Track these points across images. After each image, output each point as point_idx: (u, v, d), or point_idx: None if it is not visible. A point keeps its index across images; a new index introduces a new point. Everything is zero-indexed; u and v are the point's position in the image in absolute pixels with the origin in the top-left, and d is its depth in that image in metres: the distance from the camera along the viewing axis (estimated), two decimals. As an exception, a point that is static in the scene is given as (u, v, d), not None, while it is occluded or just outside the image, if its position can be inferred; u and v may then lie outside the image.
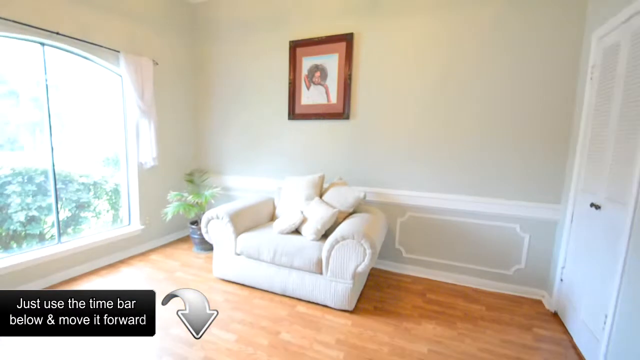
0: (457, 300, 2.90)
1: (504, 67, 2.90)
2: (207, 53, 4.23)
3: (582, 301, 2.30)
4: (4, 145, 2.81)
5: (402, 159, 3.34)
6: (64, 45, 2.93)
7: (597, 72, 2.43)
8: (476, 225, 3.12)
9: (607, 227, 2.07)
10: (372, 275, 3.34)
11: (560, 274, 2.69)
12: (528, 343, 2.32)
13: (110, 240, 3.41)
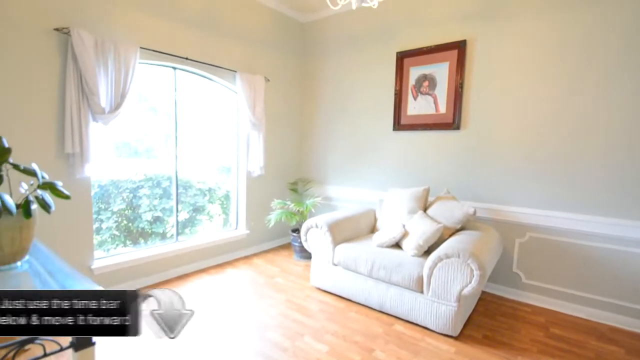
0: (588, 338, 2.54)
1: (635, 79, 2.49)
2: (314, 68, 4.57)
3: None
4: (142, 153, 3.42)
5: (521, 173, 3.09)
6: (191, 68, 3.48)
7: None
8: (615, 251, 2.71)
9: None
10: (483, 300, 3.13)
11: None
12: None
13: (219, 242, 3.86)
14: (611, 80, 2.65)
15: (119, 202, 3.30)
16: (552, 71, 2.89)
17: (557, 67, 2.86)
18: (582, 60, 2.76)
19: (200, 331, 2.51)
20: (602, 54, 2.68)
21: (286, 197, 4.48)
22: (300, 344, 2.38)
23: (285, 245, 4.69)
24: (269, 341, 2.41)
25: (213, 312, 2.79)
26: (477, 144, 3.31)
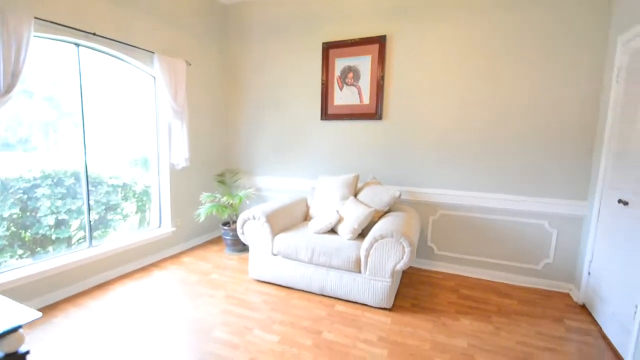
0: (490, 295, 3.11)
1: (534, 70, 3.09)
2: (239, 54, 4.41)
3: (611, 293, 2.51)
4: (15, 145, 2.83)
5: (434, 159, 3.53)
6: (99, 46, 3.05)
7: (623, 74, 2.61)
8: (506, 222, 3.33)
9: (636, 222, 2.27)
10: (405, 273, 3.55)
11: (588, 267, 2.90)
12: (561, 335, 2.53)
13: (141, 243, 3.56)
14: (508, 78, 3.19)
15: (9, 206, 2.78)
16: (460, 67, 3.34)
17: (465, 64, 3.32)
18: (486, 60, 3.25)
19: (136, 344, 2.34)
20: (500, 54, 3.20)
21: (213, 190, 4.31)
22: (251, 338, 2.40)
23: (215, 239, 4.54)
24: (217, 340, 2.37)
25: (146, 321, 2.59)
26: (397, 133, 3.65)
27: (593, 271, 2.84)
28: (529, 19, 3.06)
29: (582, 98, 2.98)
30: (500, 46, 3.18)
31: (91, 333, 2.44)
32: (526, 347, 2.37)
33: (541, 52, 3.05)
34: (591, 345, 2.41)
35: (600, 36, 2.88)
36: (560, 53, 3.00)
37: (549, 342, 2.43)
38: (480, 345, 2.38)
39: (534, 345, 2.39)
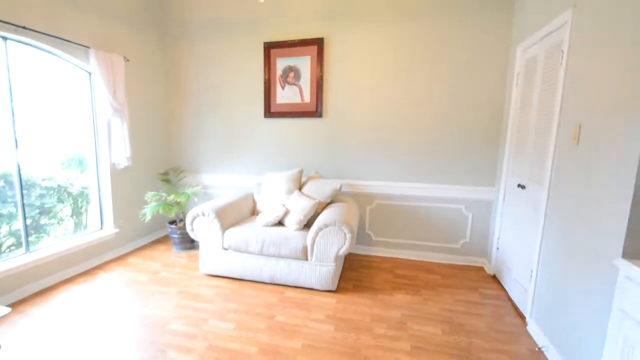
0: (419, 273, 3.56)
1: (450, 74, 3.58)
2: (181, 51, 4.39)
3: (514, 263, 3.06)
4: None
5: (369, 153, 3.90)
6: (29, 40, 2.90)
7: (521, 78, 3.16)
8: (431, 208, 3.81)
9: (530, 203, 2.81)
10: (347, 258, 3.88)
11: (497, 243, 3.46)
12: (476, 300, 3.02)
13: (82, 246, 3.44)
14: (429, 79, 3.64)
15: None
16: (389, 69, 3.72)
17: (393, 66, 3.71)
18: (410, 62, 3.67)
19: (90, 345, 2.35)
20: (423, 57, 3.63)
21: (157, 189, 4.26)
22: (207, 328, 2.54)
23: (162, 239, 4.50)
24: (175, 333, 2.47)
25: (97, 322, 2.60)
26: (336, 129, 3.96)
27: (500, 246, 3.40)
28: (447, 28, 3.53)
29: (490, 99, 3.52)
30: (423, 50, 3.62)
31: (36, 339, 2.39)
32: (449, 313, 2.81)
33: (457, 57, 3.54)
34: (500, 307, 2.93)
35: (505, 45, 3.43)
36: (473, 58, 3.51)
37: (467, 307, 2.90)
38: (412, 314, 2.77)
39: (454, 311, 2.84)
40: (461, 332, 2.53)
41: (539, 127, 2.73)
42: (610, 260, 1.71)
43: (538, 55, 2.82)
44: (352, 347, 2.34)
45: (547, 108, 2.60)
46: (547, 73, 2.64)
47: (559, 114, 2.38)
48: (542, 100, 2.71)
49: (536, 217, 2.65)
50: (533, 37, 2.88)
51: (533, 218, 2.71)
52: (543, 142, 2.63)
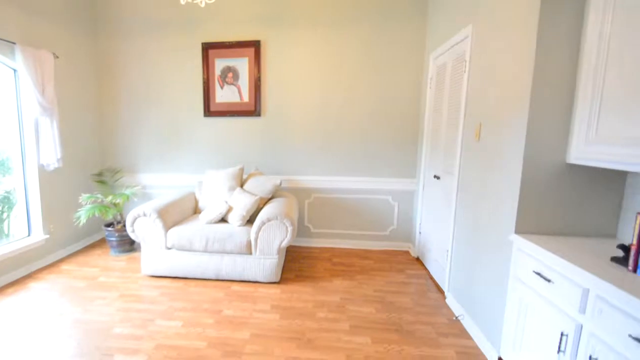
0: (354, 260, 3.77)
1: (376, 77, 3.83)
2: (115, 48, 4.09)
3: (433, 245, 3.39)
4: None
5: (307, 150, 4.01)
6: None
7: (434, 83, 3.49)
8: (362, 199, 4.04)
9: (444, 191, 3.14)
10: (289, 251, 3.96)
11: (419, 228, 3.80)
12: (403, 280, 3.30)
13: (8, 255, 3.06)
14: (358, 82, 3.84)
15: None
16: (321, 70, 3.86)
17: (325, 68, 3.85)
18: (340, 67, 3.84)
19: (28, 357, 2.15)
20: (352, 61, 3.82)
21: (93, 190, 3.93)
22: (154, 328, 2.45)
23: (97, 243, 4.17)
24: (119, 336, 2.35)
25: (35, 332, 2.37)
26: (274, 128, 4.01)
27: (422, 231, 3.74)
28: (372, 34, 3.76)
29: (410, 100, 3.83)
30: (352, 54, 3.82)
31: (-40, 358, 2.12)
32: (381, 293, 3.03)
33: (381, 61, 3.79)
34: (423, 284, 3.23)
35: (420, 52, 3.75)
36: (395, 63, 3.78)
37: (396, 287, 3.16)
38: (349, 298, 2.94)
39: (385, 291, 3.08)
40: (392, 309, 2.76)
41: (449, 126, 3.05)
42: (506, 237, 2.02)
43: (447, 63, 3.14)
44: (297, 331, 2.44)
45: (455, 109, 2.92)
46: (454, 79, 2.96)
47: (464, 115, 2.69)
48: (451, 103, 3.03)
49: (449, 203, 2.97)
50: (442, 46, 3.19)
51: (447, 204, 3.04)
52: (452, 139, 2.95)
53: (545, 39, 1.78)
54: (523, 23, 1.92)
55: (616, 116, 1.52)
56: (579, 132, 1.75)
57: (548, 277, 1.62)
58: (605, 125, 1.58)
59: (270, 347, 2.26)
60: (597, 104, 1.63)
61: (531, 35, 1.83)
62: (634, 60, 1.43)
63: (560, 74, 1.80)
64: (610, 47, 1.56)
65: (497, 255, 2.14)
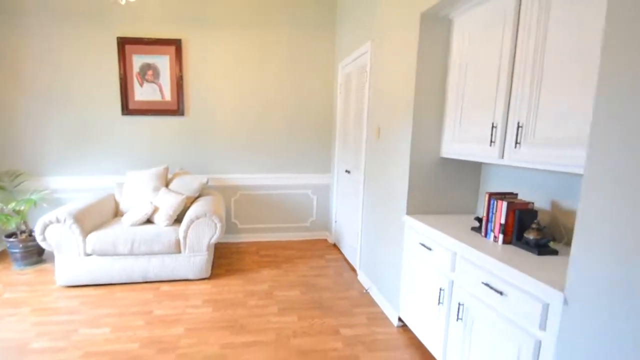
0: (279, 251, 3.95)
1: (294, 81, 4.03)
2: (13, 40, 3.54)
3: (347, 231, 3.74)
4: None
5: (232, 149, 4.04)
6: None
7: (342, 89, 3.83)
8: (284, 194, 4.23)
9: (354, 183, 3.49)
10: (217, 248, 3.96)
11: (335, 217, 4.14)
12: (322, 264, 3.59)
13: None
14: (279, 84, 4.00)
15: None
16: (246, 73, 3.92)
17: (250, 71, 3.93)
18: (262, 69, 3.95)
19: None
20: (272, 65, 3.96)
21: (-16, 198, 3.37)
22: (78, 337, 2.29)
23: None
24: (38, 351, 2.15)
25: None
26: (198, 127, 3.94)
27: (338, 220, 4.08)
28: (291, 40, 3.95)
29: (325, 104, 4.13)
30: (272, 58, 3.96)
31: None
32: (304, 278, 3.27)
33: (299, 66, 4.01)
34: (339, 266, 3.56)
35: (331, 60, 4.07)
36: (311, 68, 4.03)
37: (317, 271, 3.43)
38: (277, 285, 3.11)
39: (308, 275, 3.33)
40: (314, 290, 3.01)
41: (355, 127, 3.41)
42: (400, 217, 2.40)
43: (352, 73, 3.49)
44: (229, 320, 2.52)
45: (360, 113, 3.28)
46: (359, 87, 3.31)
47: (367, 118, 3.05)
48: (356, 107, 3.39)
49: (358, 193, 3.33)
50: (349, 57, 3.53)
51: (356, 195, 3.39)
52: (358, 138, 3.31)
53: (423, 59, 2.18)
54: (408, 45, 2.29)
55: (469, 121, 1.96)
56: (447, 133, 2.18)
57: (429, 246, 2.01)
58: (463, 128, 2.02)
59: (204, 337, 2.31)
60: (459, 111, 2.06)
61: (413, 55, 2.21)
62: (478, 78, 1.87)
63: (435, 88, 2.21)
64: (467, 67, 1.99)
65: (394, 234, 2.52)
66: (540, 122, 1.49)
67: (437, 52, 2.18)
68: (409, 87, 2.27)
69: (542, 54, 1.48)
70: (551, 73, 1.43)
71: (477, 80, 1.89)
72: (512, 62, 1.65)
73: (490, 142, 1.76)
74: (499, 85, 1.72)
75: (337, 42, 3.95)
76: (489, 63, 1.79)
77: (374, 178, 2.92)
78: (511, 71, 1.65)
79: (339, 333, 2.39)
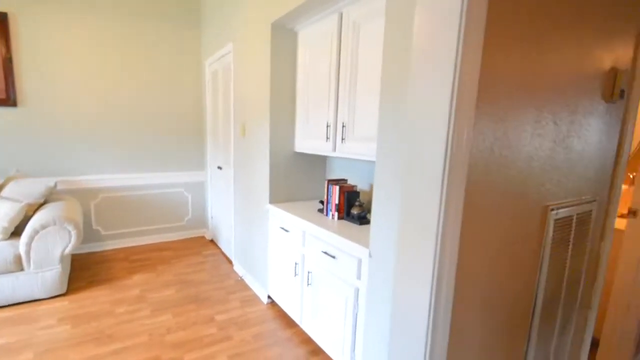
0: (153, 253, 3.78)
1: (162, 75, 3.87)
2: None
3: (222, 225, 3.84)
4: None
5: (88, 146, 3.63)
6: None
7: (210, 87, 3.87)
8: (156, 194, 4.05)
9: (225, 179, 3.61)
10: (75, 260, 3.54)
11: (211, 214, 4.18)
12: (199, 261, 3.62)
13: None
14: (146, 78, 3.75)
15: None
16: (102, 64, 3.55)
17: (107, 60, 3.57)
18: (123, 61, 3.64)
19: None
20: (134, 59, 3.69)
21: None
22: None
23: None
24: None
25: None
26: (41, 120, 3.39)
27: (214, 215, 4.12)
28: (154, 33, 3.75)
29: (195, 101, 4.09)
30: (138, 53, 3.70)
31: None
32: (180, 276, 3.25)
33: (166, 60, 3.85)
34: (216, 260, 3.64)
35: (198, 57, 4.04)
36: (178, 64, 3.92)
37: (194, 268, 3.44)
38: (149, 288, 3.02)
39: (185, 273, 3.32)
40: (191, 286, 3.05)
41: (224, 124, 3.53)
42: (264, 206, 2.66)
43: (219, 71, 3.58)
44: (94, 333, 2.38)
45: (227, 111, 3.41)
46: (225, 85, 3.43)
47: (233, 115, 3.20)
48: (224, 105, 3.50)
49: (229, 188, 3.47)
50: (214, 56, 3.59)
51: (228, 189, 3.53)
52: (227, 135, 3.44)
53: (275, 65, 2.45)
54: (263, 51, 2.53)
55: (313, 120, 2.32)
56: (299, 131, 2.52)
57: (287, 228, 2.32)
58: (309, 127, 2.38)
59: (62, 356, 2.14)
60: (306, 112, 2.41)
61: (267, 61, 2.46)
62: (316, 85, 2.24)
63: (287, 91, 2.52)
64: (309, 75, 2.34)
65: (261, 222, 2.78)
66: (357, 122, 1.91)
67: (287, 60, 2.48)
68: (265, 90, 2.52)
69: (355, 66, 1.90)
70: (361, 81, 1.86)
71: (316, 86, 2.26)
72: (337, 72, 2.04)
73: (326, 138, 2.15)
74: (330, 91, 2.10)
75: (203, 40, 3.94)
76: (323, 72, 2.17)
77: (242, 173, 3.10)
78: (337, 80, 2.05)
79: (214, 320, 2.52)
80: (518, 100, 1.10)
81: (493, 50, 1.02)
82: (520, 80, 1.09)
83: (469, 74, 0.92)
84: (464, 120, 0.95)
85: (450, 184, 0.98)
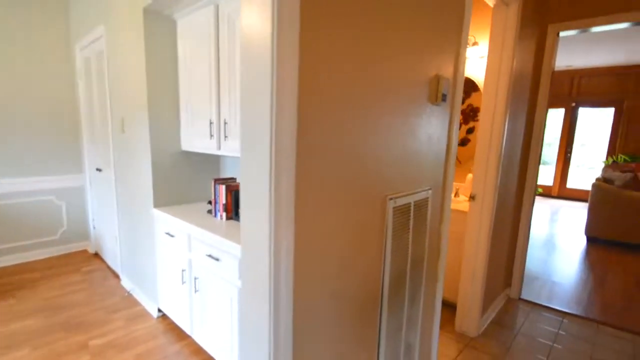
0: (12, 278, 3.11)
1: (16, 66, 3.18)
2: None
3: (106, 236, 3.38)
4: None
5: None
6: None
7: (83, 75, 3.35)
8: (16, 204, 3.34)
9: (107, 182, 3.16)
10: None
11: (93, 223, 3.63)
12: (78, 279, 3.11)
13: None
14: None
15: None
16: None
17: None
18: None
19: None
20: None
21: None
22: None
23: None
24: None
25: None
26: None
27: (96, 225, 3.59)
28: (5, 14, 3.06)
29: (65, 92, 3.48)
30: None
31: None
32: (50, 300, 2.74)
33: (25, 47, 3.19)
34: (100, 277, 3.17)
35: (65, 42, 3.43)
36: (42, 51, 3.29)
37: (69, 288, 2.94)
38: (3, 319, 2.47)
39: (56, 296, 2.81)
40: (63, 311, 2.59)
41: (101, 119, 3.09)
42: (149, 210, 2.40)
43: (91, 57, 3.11)
44: None
45: (103, 103, 2.98)
46: (99, 74, 3.00)
47: (110, 109, 2.81)
48: (99, 97, 3.06)
49: (111, 192, 3.06)
50: (85, 39, 3.10)
51: (110, 194, 3.11)
52: (105, 132, 3.03)
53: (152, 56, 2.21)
54: (136, 39, 2.26)
55: (197, 117, 2.17)
56: (184, 128, 2.34)
57: (172, 233, 2.13)
58: (194, 123, 2.21)
59: None
60: (190, 108, 2.24)
61: (141, 50, 2.21)
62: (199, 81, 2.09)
63: (168, 85, 2.31)
64: (192, 70, 2.17)
65: (147, 229, 2.51)
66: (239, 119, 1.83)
67: (166, 51, 2.26)
68: (141, 82, 2.26)
69: (233, 61, 1.82)
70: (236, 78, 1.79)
71: (199, 82, 2.11)
72: (217, 66, 1.93)
73: (210, 136, 2.02)
74: (211, 87, 1.99)
75: (72, 22, 3.37)
76: (204, 66, 2.03)
77: (123, 174, 2.76)
78: (217, 75, 1.94)
79: (87, 346, 2.18)
80: (351, 104, 1.15)
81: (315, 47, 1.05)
82: (351, 85, 1.15)
83: (287, 71, 0.96)
84: (287, 114, 1.01)
85: (278, 175, 1.02)
